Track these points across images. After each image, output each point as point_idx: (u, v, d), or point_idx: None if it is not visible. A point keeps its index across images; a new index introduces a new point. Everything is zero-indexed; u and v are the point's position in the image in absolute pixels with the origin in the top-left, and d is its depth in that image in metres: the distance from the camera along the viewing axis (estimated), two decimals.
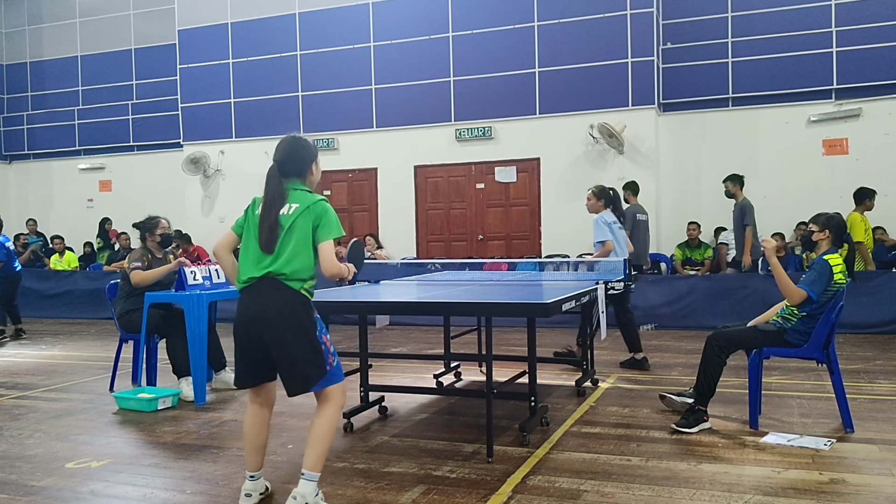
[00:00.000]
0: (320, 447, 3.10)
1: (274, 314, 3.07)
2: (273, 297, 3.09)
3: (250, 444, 3.32)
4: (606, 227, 6.27)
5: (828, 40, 10.22)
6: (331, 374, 3.14)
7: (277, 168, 3.23)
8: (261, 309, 3.10)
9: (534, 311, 4.11)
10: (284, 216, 3.14)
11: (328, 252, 3.10)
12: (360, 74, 11.85)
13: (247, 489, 3.32)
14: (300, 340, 3.08)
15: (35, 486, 3.66)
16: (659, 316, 9.03)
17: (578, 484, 3.52)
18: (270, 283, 3.11)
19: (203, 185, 12.84)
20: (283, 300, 3.09)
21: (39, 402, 5.64)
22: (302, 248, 3.11)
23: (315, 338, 3.12)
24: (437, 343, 7.78)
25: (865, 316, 8.20)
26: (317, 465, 3.10)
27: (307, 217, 3.12)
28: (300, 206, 3.15)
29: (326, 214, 3.13)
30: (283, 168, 3.24)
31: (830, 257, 4.40)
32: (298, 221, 3.12)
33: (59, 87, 14.85)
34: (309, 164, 3.31)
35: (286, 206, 3.16)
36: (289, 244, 3.12)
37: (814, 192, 9.90)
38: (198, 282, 5.65)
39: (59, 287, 11.97)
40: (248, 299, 3.16)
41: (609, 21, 10.55)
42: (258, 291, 3.13)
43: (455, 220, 11.60)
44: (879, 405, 5.00)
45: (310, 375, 3.10)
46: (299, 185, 3.25)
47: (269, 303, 3.09)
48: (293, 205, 3.16)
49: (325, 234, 3.12)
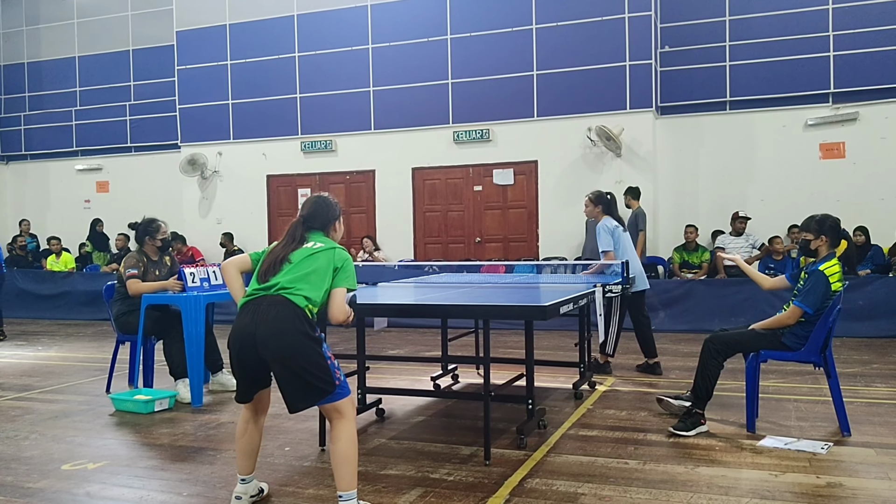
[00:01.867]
0: (349, 466, 3.07)
1: (276, 329, 3.03)
2: (275, 312, 3.06)
3: (243, 448, 3.33)
4: (609, 236, 6.23)
5: (825, 44, 10.24)
6: (340, 389, 3.12)
7: (302, 221, 3.37)
8: (261, 324, 3.05)
9: (531, 314, 4.11)
10: (302, 250, 3.23)
11: (340, 298, 3.19)
12: (358, 76, 11.85)
13: (237, 492, 3.33)
14: (306, 356, 3.04)
15: (31, 488, 3.65)
16: (656, 319, 9.04)
17: (576, 487, 3.52)
18: (274, 299, 3.10)
19: (200, 187, 12.83)
20: (285, 314, 3.05)
21: (36, 404, 5.63)
22: (316, 276, 3.17)
23: (321, 355, 3.10)
24: (434, 345, 7.78)
25: (863, 320, 8.22)
26: (350, 483, 3.07)
27: (330, 256, 3.22)
28: (325, 245, 3.27)
29: (349, 263, 3.26)
30: (308, 223, 3.37)
31: (826, 266, 4.38)
32: (321, 256, 3.22)
33: (57, 88, 14.82)
34: (332, 222, 3.43)
35: (307, 244, 3.27)
36: (303, 268, 3.17)
37: (811, 195, 9.92)
38: (195, 284, 5.64)
39: (56, 288, 11.95)
40: (247, 315, 3.12)
41: (607, 24, 10.56)
42: (259, 307, 3.10)
43: (453, 223, 11.60)
44: (876, 409, 5.01)
45: (317, 390, 3.06)
46: (322, 236, 3.37)
47: (270, 318, 3.05)
48: (318, 243, 3.27)
49: (342, 281, 3.21)
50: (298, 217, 3.40)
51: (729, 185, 10.65)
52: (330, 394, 3.08)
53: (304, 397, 3.07)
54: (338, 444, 3.08)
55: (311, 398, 3.08)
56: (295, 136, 12.24)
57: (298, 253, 3.24)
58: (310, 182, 12.26)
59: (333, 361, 3.15)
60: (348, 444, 3.08)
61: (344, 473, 3.06)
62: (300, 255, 3.23)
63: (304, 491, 3.57)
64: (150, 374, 5.88)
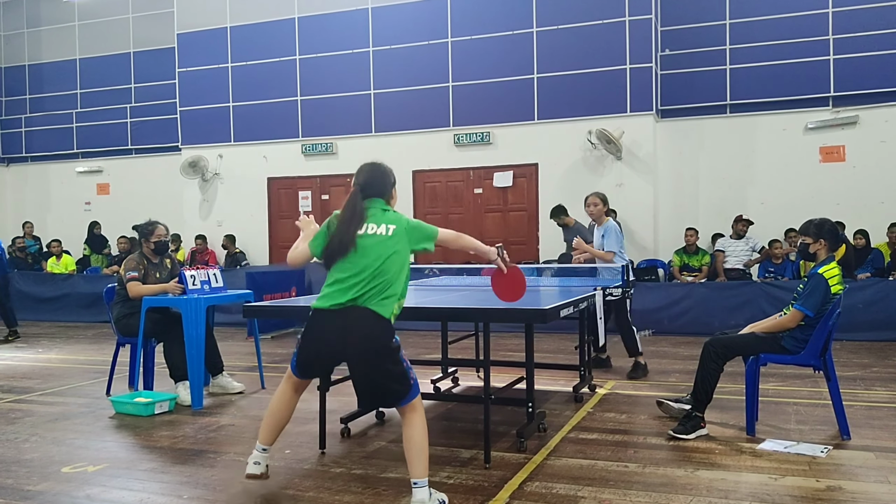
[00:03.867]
0: (423, 455, 3.19)
1: (360, 345, 3.15)
2: (362, 329, 3.14)
3: (273, 419, 3.45)
4: (620, 238, 6.49)
5: (825, 48, 10.25)
6: (413, 389, 3.23)
7: (360, 190, 3.34)
8: (349, 339, 3.15)
9: (532, 318, 4.11)
10: (373, 237, 3.21)
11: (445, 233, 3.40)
12: (358, 79, 11.86)
13: (256, 458, 3.43)
14: (388, 366, 3.17)
15: (31, 491, 3.66)
16: (656, 322, 9.04)
17: (576, 490, 3.52)
18: (357, 313, 3.15)
19: (201, 189, 12.84)
20: (374, 332, 3.15)
21: (36, 406, 5.63)
22: (397, 272, 3.20)
23: (399, 359, 3.20)
24: (434, 348, 7.78)
25: (862, 323, 8.21)
26: (424, 471, 3.17)
27: (407, 235, 3.26)
28: (396, 226, 3.26)
29: (413, 226, 3.33)
30: (367, 191, 3.34)
31: (826, 269, 4.39)
32: (398, 242, 3.23)
33: (58, 90, 14.83)
34: (390, 189, 3.44)
35: (378, 226, 3.24)
36: (380, 260, 3.18)
37: (810, 199, 9.92)
38: (196, 286, 5.65)
39: (56, 290, 11.95)
40: (333, 330, 3.18)
41: (607, 27, 10.57)
42: (344, 320, 3.16)
43: (453, 225, 11.53)
44: (876, 412, 5.01)
45: (398, 392, 3.20)
46: (383, 203, 3.37)
47: (355, 334, 3.14)
48: (387, 226, 3.25)
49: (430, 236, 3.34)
50: (354, 187, 3.34)
51: (729, 189, 10.66)
52: (406, 395, 3.21)
53: (381, 401, 3.33)
54: (414, 435, 3.19)
55: (388, 402, 3.30)
56: (296, 138, 12.25)
57: (369, 239, 3.21)
58: (310, 185, 12.27)
59: (408, 362, 3.25)
60: (423, 435, 3.20)
61: (417, 462, 3.17)
62: (372, 242, 3.20)
63: (305, 494, 3.57)
64: (150, 376, 5.88)
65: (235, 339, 8.80)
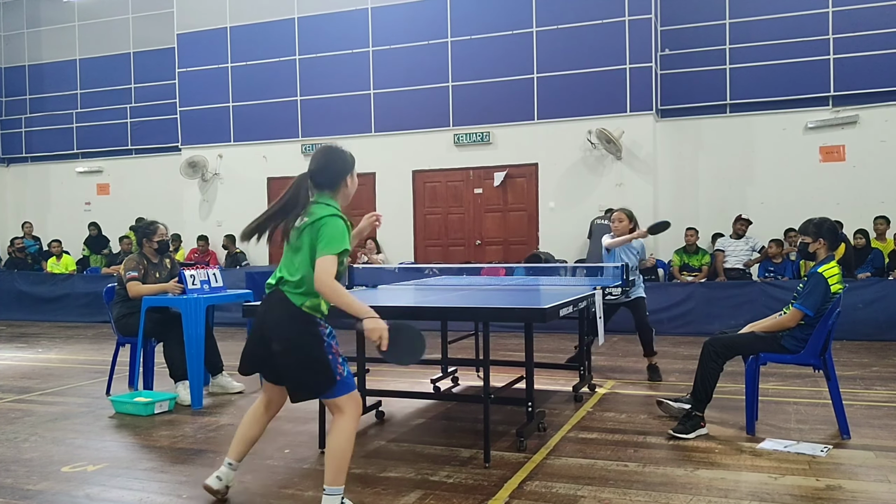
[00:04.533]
0: (337, 461, 3.04)
1: (276, 329, 3.10)
2: (276, 311, 3.12)
3: (241, 432, 3.39)
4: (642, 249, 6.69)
5: (825, 47, 10.25)
6: (340, 384, 3.07)
7: (310, 178, 3.13)
8: (266, 321, 3.15)
9: (531, 317, 4.11)
10: (298, 227, 3.10)
11: (320, 267, 2.95)
12: (358, 79, 11.86)
13: (220, 472, 3.39)
14: (302, 355, 3.05)
15: (31, 490, 3.66)
16: (656, 321, 9.00)
17: (575, 490, 3.52)
18: (276, 297, 3.14)
19: (201, 189, 12.84)
20: (285, 316, 3.09)
21: (36, 406, 5.63)
22: (305, 263, 3.07)
23: (321, 351, 3.05)
24: (434, 348, 7.76)
25: (862, 323, 8.21)
26: (336, 479, 3.06)
27: (310, 233, 3.04)
28: (308, 220, 3.06)
29: (325, 226, 3.00)
30: (315, 179, 3.13)
31: (826, 268, 4.39)
32: (304, 236, 3.07)
33: (58, 91, 14.83)
34: (343, 176, 3.19)
35: (304, 217, 3.09)
36: (295, 258, 3.12)
37: (811, 198, 9.90)
38: (195, 286, 5.65)
39: (56, 290, 11.95)
40: (260, 308, 3.24)
41: (607, 27, 10.57)
42: (268, 303, 3.19)
43: (453, 225, 11.61)
44: (876, 411, 5.01)
45: (314, 385, 3.08)
46: (327, 198, 3.14)
47: (272, 316, 3.13)
48: (306, 218, 3.08)
49: (322, 248, 2.98)
50: (305, 172, 3.13)
51: (729, 188, 10.66)
52: (329, 388, 3.07)
53: (299, 389, 3.11)
54: (331, 436, 3.09)
55: (307, 391, 3.11)
56: (295, 138, 12.25)
57: (296, 231, 3.09)
58: None
59: (337, 356, 3.09)
60: (340, 440, 3.06)
61: (331, 467, 3.06)
62: (295, 233, 3.09)
63: (304, 493, 3.57)
64: (150, 376, 5.87)
65: (235, 339, 8.78)
